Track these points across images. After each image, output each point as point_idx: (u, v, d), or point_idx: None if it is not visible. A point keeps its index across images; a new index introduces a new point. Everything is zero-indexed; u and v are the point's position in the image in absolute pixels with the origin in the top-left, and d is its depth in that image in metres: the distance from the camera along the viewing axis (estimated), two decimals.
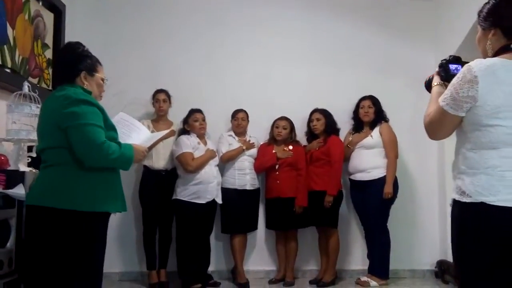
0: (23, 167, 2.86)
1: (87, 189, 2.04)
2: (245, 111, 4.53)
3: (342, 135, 4.61)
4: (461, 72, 1.69)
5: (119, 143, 2.12)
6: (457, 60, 1.93)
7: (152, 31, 4.75)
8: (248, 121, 4.54)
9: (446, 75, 1.88)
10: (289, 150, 4.42)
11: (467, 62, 1.74)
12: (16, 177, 2.68)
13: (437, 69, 1.95)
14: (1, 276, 2.44)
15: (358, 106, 4.59)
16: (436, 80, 1.92)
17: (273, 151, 4.44)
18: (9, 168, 2.79)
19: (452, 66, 1.89)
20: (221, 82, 4.75)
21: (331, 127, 4.50)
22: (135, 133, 2.36)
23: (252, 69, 4.80)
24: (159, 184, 4.21)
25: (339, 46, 4.90)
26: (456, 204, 1.72)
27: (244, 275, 4.35)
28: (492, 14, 1.76)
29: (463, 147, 1.74)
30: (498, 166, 1.62)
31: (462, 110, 1.67)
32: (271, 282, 4.46)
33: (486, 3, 1.80)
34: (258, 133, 4.63)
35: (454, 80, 1.70)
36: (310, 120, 4.56)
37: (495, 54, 1.74)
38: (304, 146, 4.57)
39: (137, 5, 4.78)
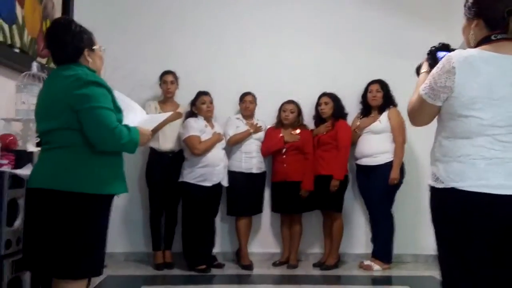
0: (31, 147, 2.88)
1: (95, 172, 2.04)
2: (253, 94, 4.51)
3: (350, 119, 4.59)
4: (441, 62, 1.71)
5: (127, 127, 2.10)
6: (446, 47, 1.92)
7: (161, 12, 4.69)
8: (255, 104, 4.52)
9: (433, 62, 1.87)
10: (296, 134, 4.41)
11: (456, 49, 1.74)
12: (24, 157, 2.72)
13: (426, 56, 1.95)
14: (10, 255, 2.49)
15: (366, 90, 4.55)
16: (424, 67, 1.94)
17: (280, 134, 4.42)
18: (17, 148, 2.82)
19: (440, 54, 1.88)
20: (229, 65, 4.70)
21: (339, 111, 4.47)
22: (131, 114, 2.29)
23: (260, 52, 4.75)
24: (165, 166, 4.22)
25: (348, 28, 4.81)
26: (431, 189, 1.80)
27: (248, 257, 4.39)
28: (476, 4, 1.77)
29: (439, 135, 1.80)
30: (470, 155, 1.67)
31: (439, 100, 1.72)
32: (274, 264, 4.49)
33: None
34: (266, 116, 4.61)
35: (434, 70, 1.73)
36: (318, 104, 4.53)
37: (477, 45, 1.74)
38: (312, 130, 4.56)
39: None
